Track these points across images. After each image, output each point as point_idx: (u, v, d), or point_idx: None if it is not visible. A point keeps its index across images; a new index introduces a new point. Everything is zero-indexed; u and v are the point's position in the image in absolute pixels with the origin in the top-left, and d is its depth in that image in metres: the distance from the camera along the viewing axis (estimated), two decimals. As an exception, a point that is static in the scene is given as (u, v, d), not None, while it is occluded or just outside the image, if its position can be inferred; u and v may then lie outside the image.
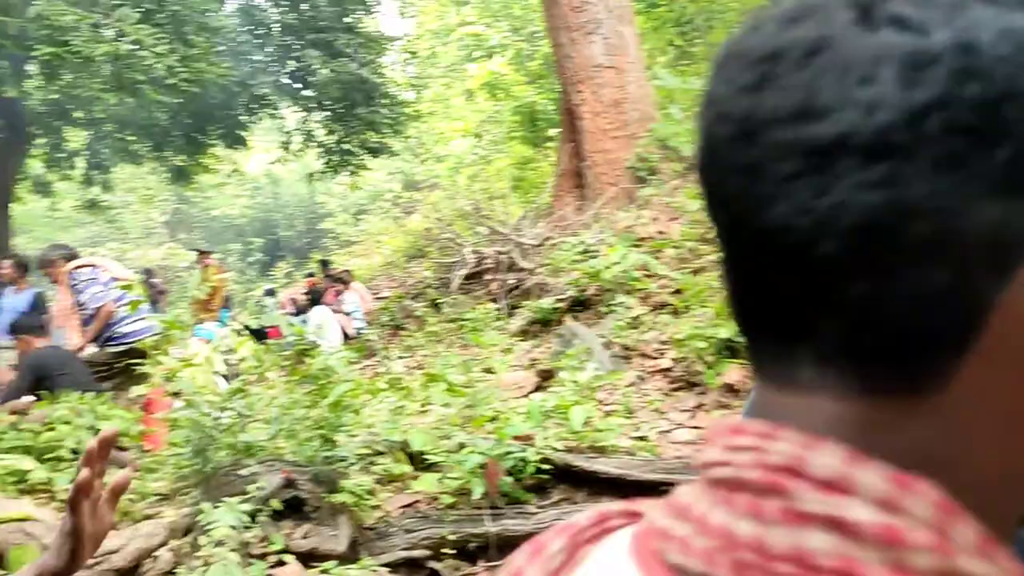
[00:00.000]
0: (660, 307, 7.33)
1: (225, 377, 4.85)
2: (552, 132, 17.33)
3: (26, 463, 4.65)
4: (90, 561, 3.48)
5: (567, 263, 8.90)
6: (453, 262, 11.63)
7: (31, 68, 12.04)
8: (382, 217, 27.07)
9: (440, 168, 25.33)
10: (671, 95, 12.30)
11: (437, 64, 26.94)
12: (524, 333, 8.49)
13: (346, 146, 14.99)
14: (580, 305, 8.28)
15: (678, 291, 7.34)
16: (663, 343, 6.72)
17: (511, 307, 9.50)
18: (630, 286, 7.67)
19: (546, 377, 6.85)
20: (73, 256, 7.29)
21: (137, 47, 10.28)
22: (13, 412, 5.29)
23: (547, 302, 8.46)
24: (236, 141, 15.71)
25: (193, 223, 35.28)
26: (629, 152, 10.83)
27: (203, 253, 12.70)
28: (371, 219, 28.91)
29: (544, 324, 8.39)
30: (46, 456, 4.84)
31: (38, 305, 8.25)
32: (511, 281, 9.96)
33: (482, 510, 4.39)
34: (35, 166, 16.37)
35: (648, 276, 7.74)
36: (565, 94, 11.67)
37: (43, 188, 17.58)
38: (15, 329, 6.27)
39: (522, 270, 10.00)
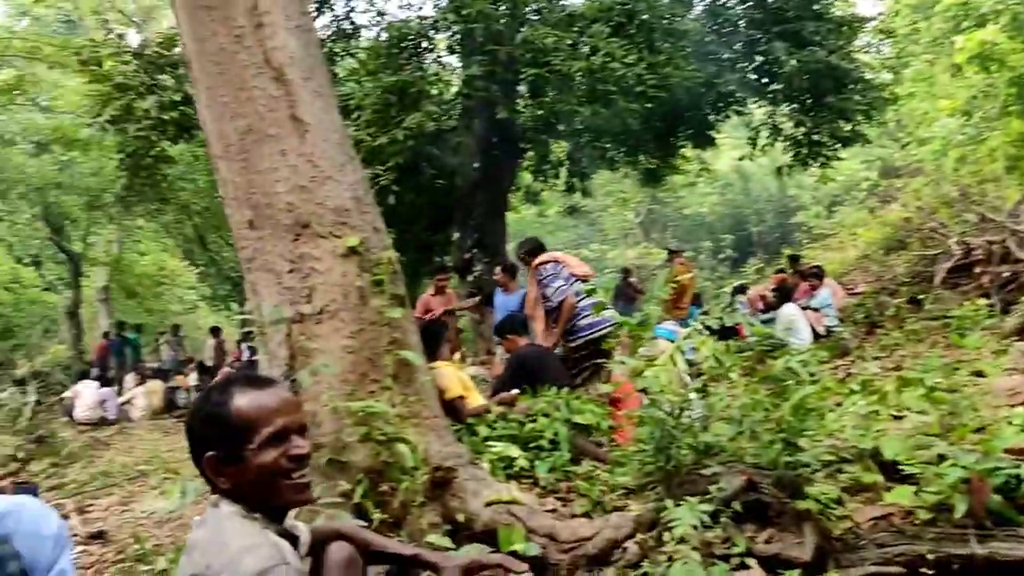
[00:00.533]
0: None
1: (689, 376, 4.92)
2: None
3: (512, 451, 5.13)
4: (566, 546, 3.74)
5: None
6: (936, 254, 10.75)
7: (520, 89, 13.30)
8: (857, 208, 25.78)
9: (923, 152, 23.45)
10: None
11: (918, 40, 24.98)
12: (1021, 332, 7.55)
13: (815, 137, 14.48)
14: (1091, 299, 7.19)
15: None
16: None
17: (1005, 303, 8.51)
18: None
19: (1049, 382, 6.03)
20: (539, 250, 7.88)
21: (608, 59, 10.86)
22: (501, 403, 5.87)
23: (1049, 296, 7.45)
24: (705, 140, 15.95)
25: (666, 222, 36.46)
26: None
27: (673, 252, 13.06)
28: (845, 211, 27.67)
29: (1049, 321, 7.40)
30: (529, 445, 5.30)
31: (522, 307, 9.10)
32: (1005, 274, 8.94)
33: (967, 529, 3.97)
34: (525, 177, 18.04)
35: None
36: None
37: (532, 197, 19.30)
38: (500, 330, 6.95)
39: (1019, 261, 8.92)
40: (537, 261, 7.69)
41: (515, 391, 5.98)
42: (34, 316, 27.10)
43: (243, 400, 1.99)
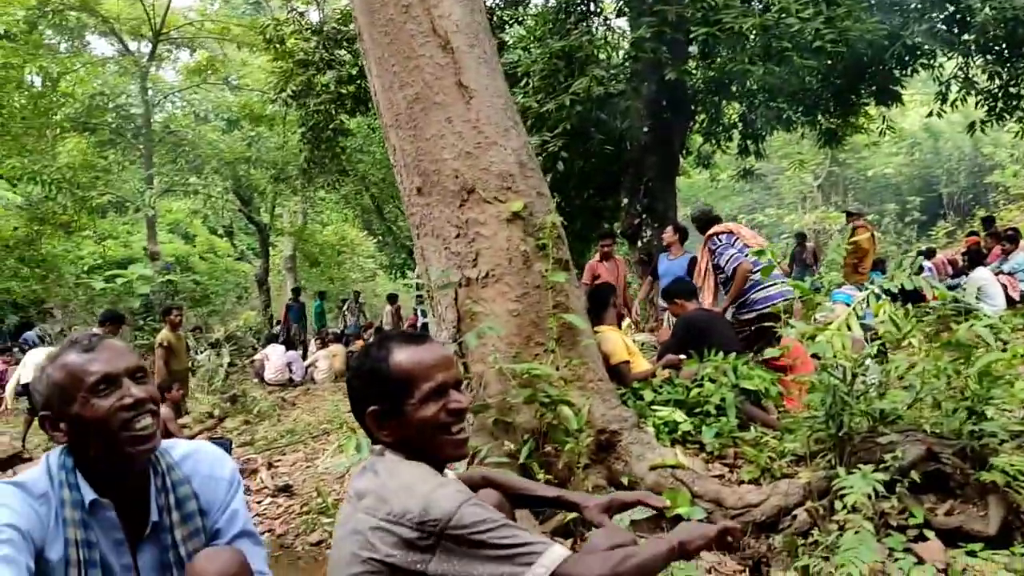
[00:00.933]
0: None
1: (865, 341, 4.71)
2: None
3: (678, 415, 5.08)
4: (732, 512, 3.68)
5: None
6: None
7: (690, 49, 12.98)
8: (1061, 165, 23.87)
9: None
10: None
11: None
12: None
13: (1012, 89, 13.44)
14: None
15: None
16: None
17: None
18: None
19: None
20: (714, 220, 7.70)
21: (783, 15, 10.43)
22: (667, 367, 5.81)
23: None
24: (889, 97, 15.06)
25: (847, 185, 34.92)
26: None
27: (852, 215, 12.53)
28: (1049, 169, 25.68)
29: None
30: (695, 410, 5.23)
31: (693, 268, 8.94)
32: None
33: None
34: (696, 140, 17.65)
35: None
36: None
37: (704, 161, 18.88)
38: (667, 294, 6.84)
39: None
40: (711, 231, 7.55)
41: (681, 355, 5.91)
42: (228, 284, 28.87)
43: (402, 356, 2.06)
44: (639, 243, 13.73)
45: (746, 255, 6.95)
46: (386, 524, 1.90)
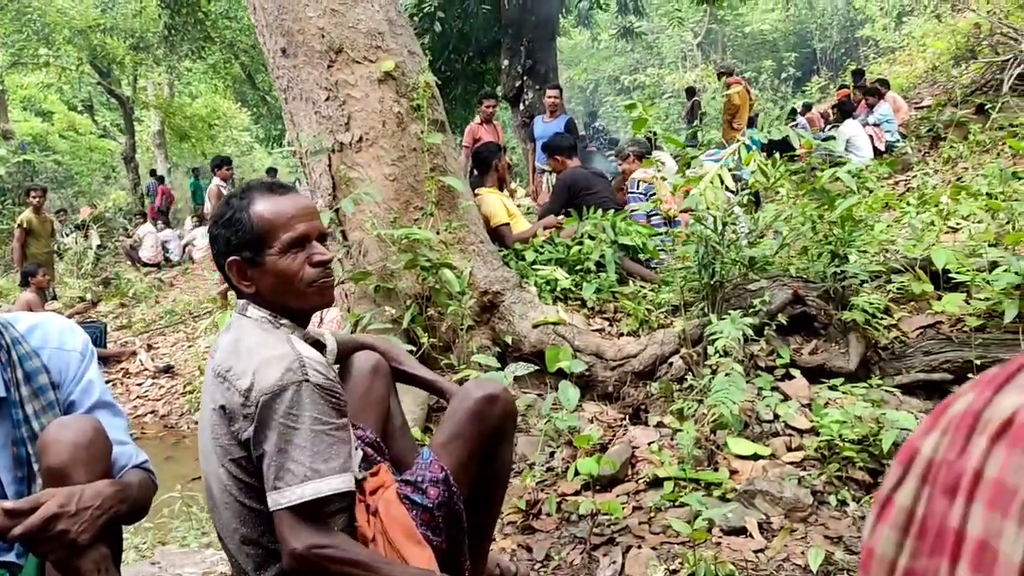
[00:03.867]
0: None
1: (734, 193, 4.82)
2: None
3: (559, 274, 5.14)
4: (612, 364, 3.77)
5: None
6: (1005, 61, 10.18)
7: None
8: (927, 18, 24.46)
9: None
10: None
11: None
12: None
13: (881, -60, 13.59)
14: None
15: None
16: None
17: (1078, 107, 8.12)
18: None
19: (1117, 188, 5.80)
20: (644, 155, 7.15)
21: None
22: (548, 228, 5.84)
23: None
24: (763, -49, 15.08)
25: (725, 43, 35.12)
26: None
27: (724, 72, 12.63)
28: (914, 22, 26.30)
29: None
30: (576, 268, 5.31)
31: (571, 129, 8.91)
32: (1079, 77, 8.48)
33: (1017, 335, 3.92)
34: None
35: None
36: None
37: (584, 20, 18.66)
38: (548, 149, 6.78)
39: (1095, 62, 8.44)
40: (635, 175, 6.92)
41: (559, 216, 5.94)
42: (93, 163, 27.46)
43: (262, 205, 2.01)
44: (521, 105, 13.60)
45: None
46: (228, 378, 1.92)
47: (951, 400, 0.51)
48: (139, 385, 7.11)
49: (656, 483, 3.41)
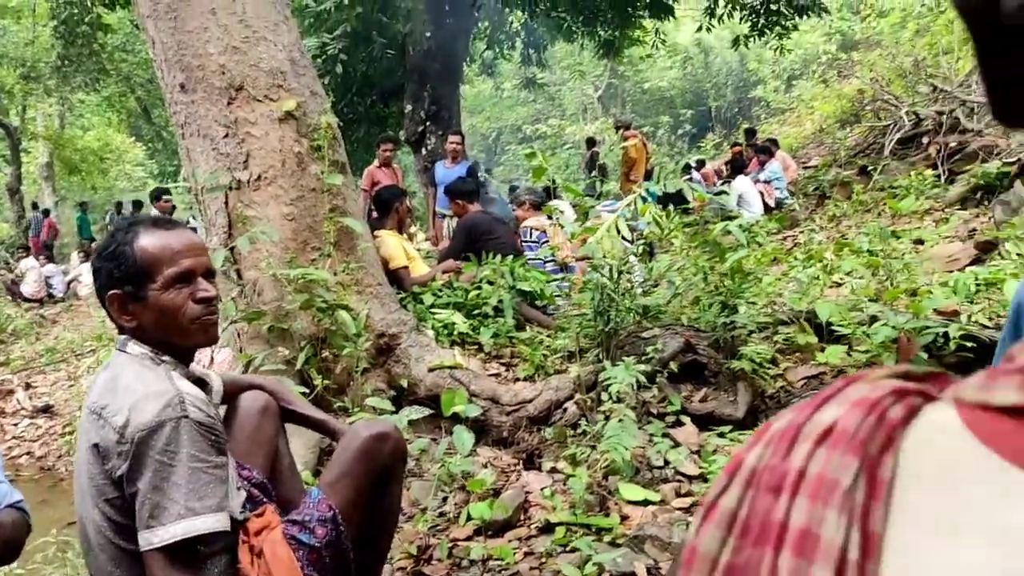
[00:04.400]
0: None
1: (630, 243, 4.93)
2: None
3: (457, 318, 5.15)
4: (508, 408, 3.77)
5: None
6: (887, 126, 10.73)
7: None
8: (815, 82, 25.62)
9: (882, 24, 23.28)
10: None
11: (880, -93, 24.45)
12: (963, 201, 7.64)
13: (772, 6, 14.21)
14: (1034, 169, 7.25)
15: None
16: None
17: (951, 173, 8.58)
18: (1100, 145, 6.54)
19: (986, 249, 6.14)
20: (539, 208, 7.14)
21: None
22: (447, 272, 5.86)
23: (993, 166, 7.51)
24: (663, 10, 15.55)
25: (625, 97, 36.03)
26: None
27: (622, 126, 12.95)
28: (803, 85, 27.50)
29: (988, 191, 7.48)
30: (474, 312, 5.33)
31: (473, 174, 8.98)
32: (952, 144, 8.97)
33: (893, 388, 4.08)
34: (480, 48, 17.60)
35: (1125, 132, 6.53)
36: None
37: (488, 69, 18.90)
38: (450, 193, 6.82)
39: (966, 131, 8.96)
40: (527, 223, 6.96)
41: (458, 261, 5.97)
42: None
43: (148, 240, 1.98)
44: (423, 150, 13.65)
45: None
46: (104, 415, 1.86)
47: (774, 420, 0.54)
48: (15, 425, 6.79)
49: (548, 528, 3.42)
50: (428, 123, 13.74)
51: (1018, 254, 5.49)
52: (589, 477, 3.58)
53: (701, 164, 16.73)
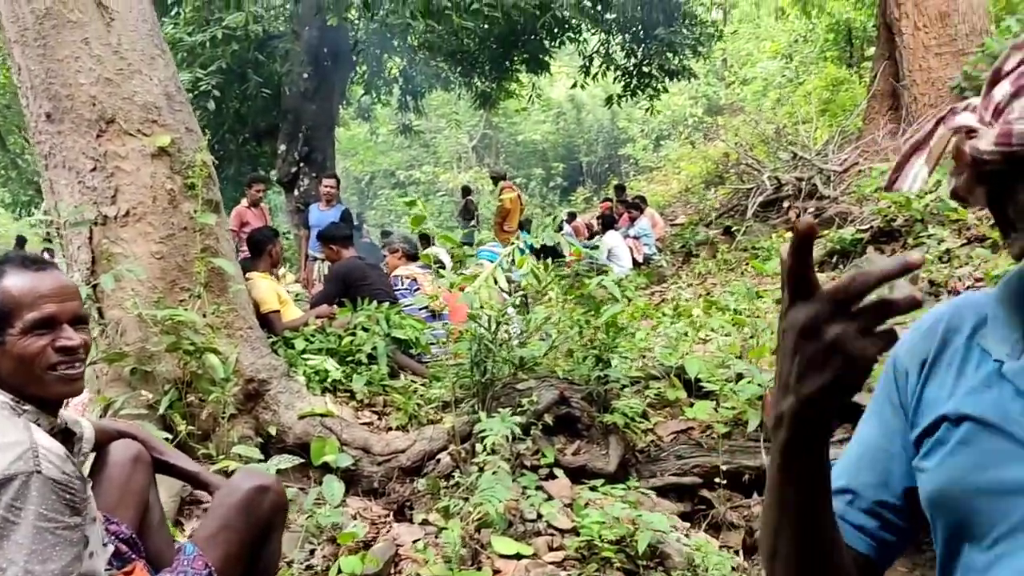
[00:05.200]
0: (977, 240, 6.64)
1: (508, 294, 4.97)
2: (868, 51, 16.14)
3: (329, 364, 5.06)
4: (380, 458, 3.71)
5: (873, 191, 8.28)
6: (750, 189, 11.23)
7: (355, -1, 12.85)
8: (682, 143, 26.62)
9: (745, 91, 24.46)
10: (1009, 5, 10.99)
11: (745, -19, 25.83)
12: (821, 264, 8.04)
13: (645, 69, 14.75)
14: (885, 236, 7.70)
15: (999, 223, 6.60)
16: (978, 280, 6.08)
17: (809, 236, 9.05)
18: (944, 216, 6.99)
19: (842, 311, 6.45)
20: (411, 257, 7.13)
21: (445, -26, 10.61)
22: (320, 317, 5.76)
23: (848, 232, 7.94)
24: (539, 66, 15.93)
25: (499, 148, 36.54)
26: (954, 70, 9.82)
27: (497, 177, 13.13)
28: (671, 145, 28.54)
29: (843, 255, 7.90)
30: (347, 359, 5.24)
31: (347, 219, 8.90)
32: (811, 209, 9.47)
33: (758, 443, 4.23)
34: (357, 92, 17.59)
35: (966, 206, 7.01)
36: (884, 7, 10.76)
37: (364, 113, 18.88)
38: (325, 238, 6.74)
39: (823, 197, 9.47)
40: (398, 272, 6.98)
41: (332, 306, 5.89)
42: None
43: (12, 280, 1.86)
44: (296, 192, 13.48)
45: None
46: None
47: None
48: None
49: (420, 583, 3.36)
50: (302, 164, 13.61)
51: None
52: (462, 530, 3.55)
53: (572, 217, 17.08)
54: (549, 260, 5.91)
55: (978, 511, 0.86)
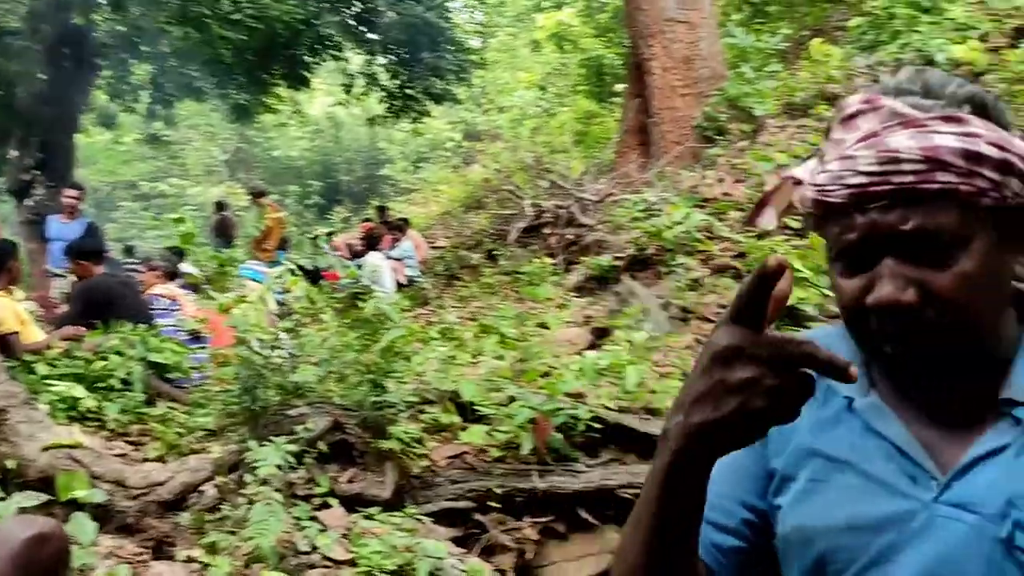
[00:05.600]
0: (722, 270, 7.14)
1: (278, 316, 4.80)
2: (618, 87, 17.05)
3: (77, 391, 4.67)
4: (136, 492, 3.45)
5: (628, 221, 8.71)
6: (511, 214, 11.50)
7: (102, -1, 12.10)
8: (442, 166, 26.97)
9: (502, 119, 25.13)
10: (743, 53, 11.98)
11: (505, 12, 26.64)
12: (580, 289, 8.34)
13: (409, 91, 14.83)
14: (639, 264, 8.10)
15: (741, 254, 7.13)
16: (723, 307, 6.53)
17: (568, 262, 9.36)
18: (692, 247, 7.47)
19: (601, 335, 6.73)
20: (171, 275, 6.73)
21: (204, -20, 10.21)
22: (65, 339, 5.30)
23: (605, 259, 8.30)
24: (299, 81, 15.62)
25: (253, 163, 35.47)
26: (697, 110, 10.57)
27: (256, 194, 12.74)
28: (431, 168, 28.82)
29: (601, 281, 8.24)
30: (97, 385, 4.86)
31: (93, 233, 8.30)
32: (570, 236, 9.81)
33: (530, 465, 4.31)
34: (101, 97, 16.50)
35: (711, 238, 7.53)
36: (635, 48, 11.40)
37: (108, 121, 17.75)
38: (74, 252, 6.22)
39: (582, 226, 9.83)
40: (156, 290, 6.54)
41: (78, 327, 5.43)
42: None
43: None
44: (30, 202, 12.42)
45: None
46: None
47: None
48: None
49: (186, 626, 3.15)
50: (36, 172, 12.58)
51: (628, 340, 6.04)
52: (230, 566, 3.36)
53: (331, 235, 16.83)
54: (309, 281, 5.79)
55: (838, 547, 0.89)
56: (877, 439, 0.91)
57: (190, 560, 3.64)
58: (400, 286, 11.54)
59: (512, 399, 4.54)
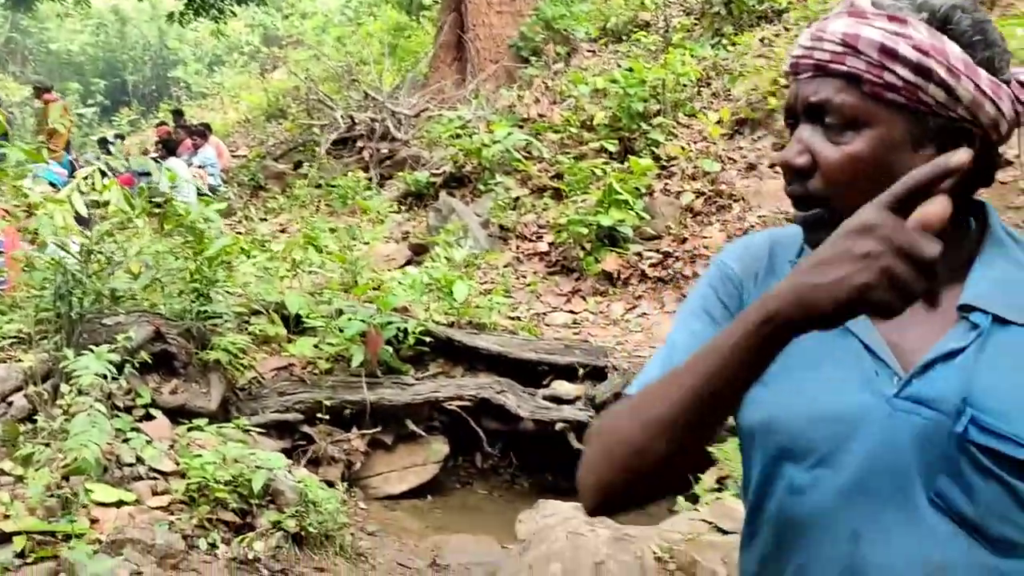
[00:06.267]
0: (541, 190, 7.30)
1: (85, 220, 4.51)
2: (428, 1, 16.77)
3: None
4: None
5: (444, 137, 8.67)
6: (322, 125, 11.19)
7: None
8: (239, 71, 25.73)
9: (306, 25, 24.15)
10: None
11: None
12: (398, 203, 8.30)
13: (210, -10, 14.00)
14: (456, 181, 8.14)
15: (559, 176, 7.29)
16: (542, 227, 6.70)
17: (382, 177, 9.26)
18: (511, 167, 7.57)
19: (419, 252, 6.75)
20: None
21: None
22: None
23: (422, 175, 8.27)
24: (85, -31, 14.40)
25: (27, 55, 32.52)
26: (514, 30, 10.60)
27: (41, 89, 11.72)
28: (226, 72, 27.44)
29: (418, 198, 8.23)
30: None
31: None
32: (384, 150, 9.68)
33: (359, 378, 4.33)
34: None
35: (529, 158, 7.65)
36: (453, -39, 11.26)
37: None
38: None
39: (396, 140, 9.73)
40: None
41: None
42: None
43: None
44: None
45: None
46: None
47: None
48: None
49: (5, 538, 2.99)
50: None
51: (447, 258, 6.11)
52: (48, 478, 3.21)
53: (121, 138, 15.83)
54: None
55: (799, 436, 0.95)
56: (845, 334, 0.96)
57: (2, 472, 3.44)
58: (201, 195, 11.04)
59: (340, 312, 4.52)
